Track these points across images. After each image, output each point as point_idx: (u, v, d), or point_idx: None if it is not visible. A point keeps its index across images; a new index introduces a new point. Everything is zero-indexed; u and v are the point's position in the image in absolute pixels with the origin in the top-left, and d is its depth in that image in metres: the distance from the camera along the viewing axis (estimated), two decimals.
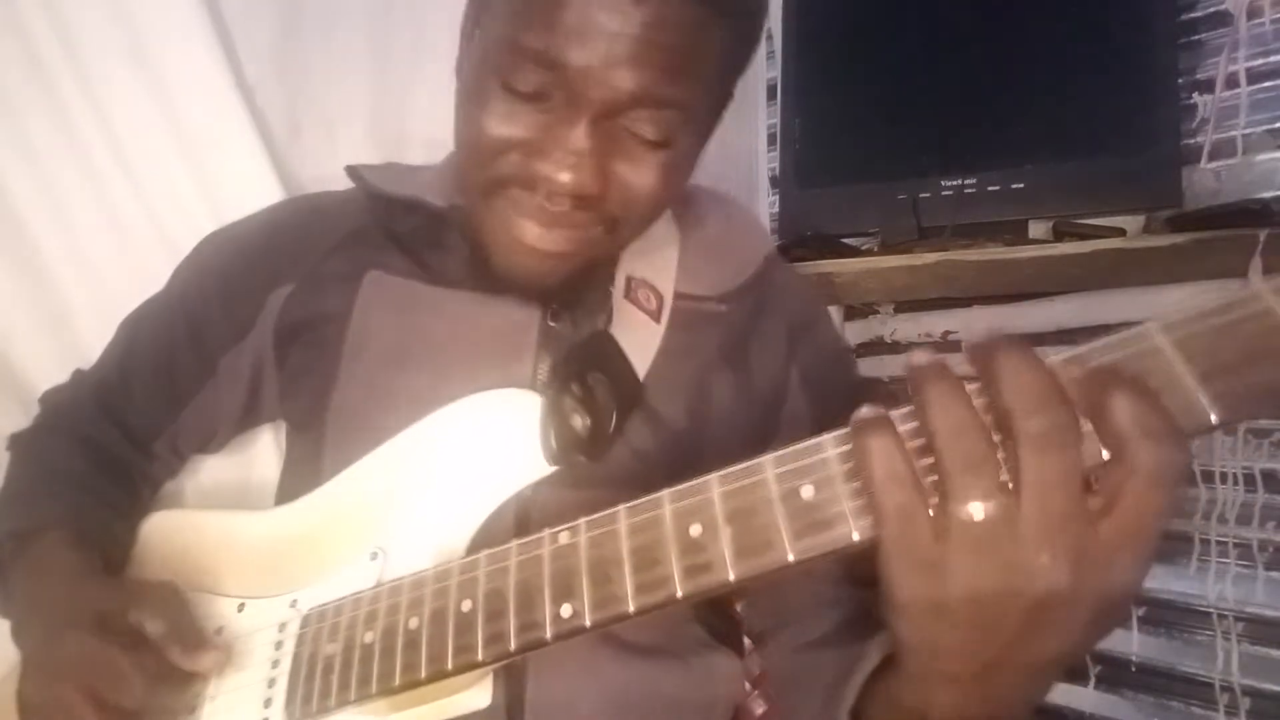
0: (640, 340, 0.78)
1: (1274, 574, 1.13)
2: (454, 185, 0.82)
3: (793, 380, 0.86)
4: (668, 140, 0.69)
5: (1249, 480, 1.14)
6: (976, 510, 0.39)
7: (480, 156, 0.69)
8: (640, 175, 0.70)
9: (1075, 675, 1.27)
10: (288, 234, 0.87)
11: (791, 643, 0.77)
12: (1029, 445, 0.38)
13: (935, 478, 0.40)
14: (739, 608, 0.91)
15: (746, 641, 0.89)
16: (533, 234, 0.70)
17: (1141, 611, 1.22)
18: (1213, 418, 0.38)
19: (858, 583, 0.75)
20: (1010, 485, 0.39)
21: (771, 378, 0.85)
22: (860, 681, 0.58)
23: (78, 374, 0.91)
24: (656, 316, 0.81)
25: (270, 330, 0.84)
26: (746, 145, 1.47)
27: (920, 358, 0.42)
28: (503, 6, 0.67)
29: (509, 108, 0.67)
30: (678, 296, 0.83)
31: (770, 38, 1.50)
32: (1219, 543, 1.16)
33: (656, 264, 0.84)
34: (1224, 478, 1.15)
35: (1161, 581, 1.20)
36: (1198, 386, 0.38)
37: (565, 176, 0.66)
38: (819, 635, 0.75)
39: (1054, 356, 0.41)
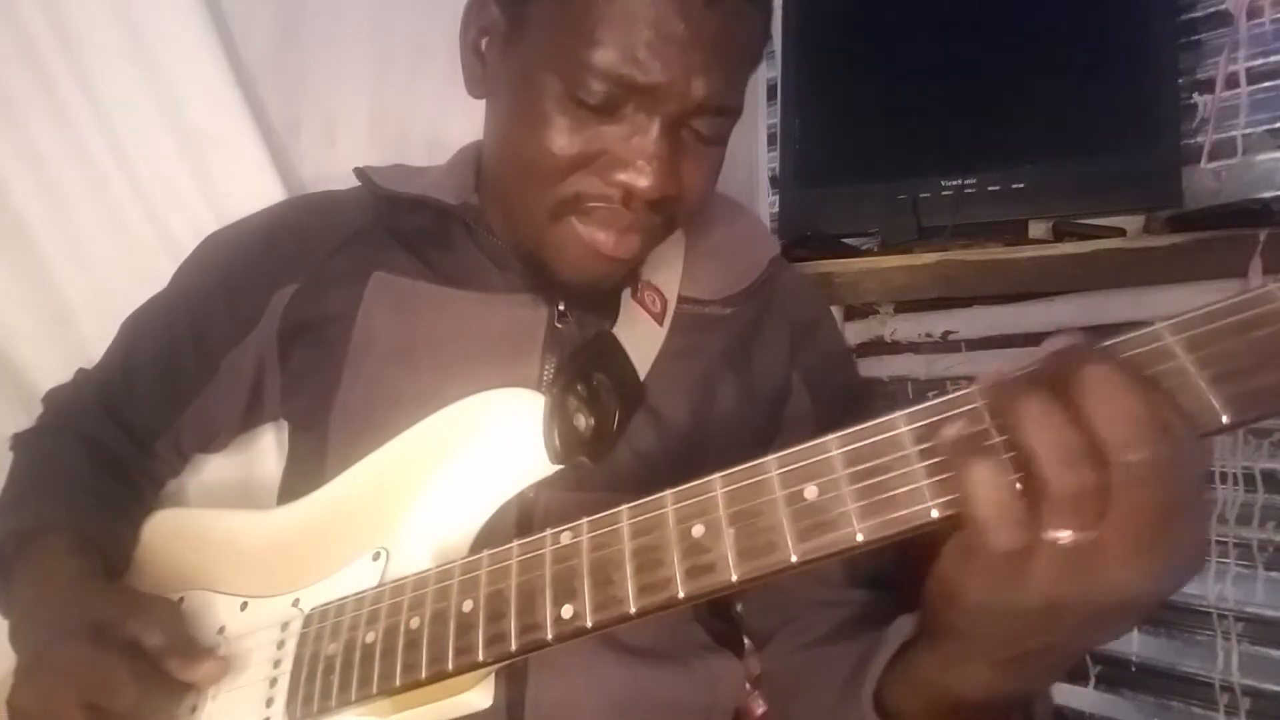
0: (642, 342, 0.79)
1: (1274, 574, 1.13)
2: (464, 185, 0.84)
3: (795, 382, 0.86)
4: (723, 138, 0.73)
5: (1249, 480, 1.14)
6: (1074, 538, 0.38)
7: (548, 175, 0.70)
8: (701, 172, 0.73)
9: (1075, 675, 1.27)
10: (291, 233, 0.87)
11: (791, 642, 0.77)
12: (1128, 478, 0.36)
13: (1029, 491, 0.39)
14: (738, 608, 0.91)
15: (746, 642, 0.89)
16: (608, 244, 0.71)
17: None
18: (1224, 419, 0.37)
19: (858, 585, 0.76)
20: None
21: (774, 379, 0.85)
22: (882, 666, 0.58)
23: (80, 373, 0.91)
24: (660, 319, 0.81)
25: (274, 330, 0.84)
26: (746, 145, 1.47)
27: (994, 378, 0.41)
28: (553, 21, 0.66)
29: (575, 123, 0.67)
30: (681, 300, 0.84)
31: (770, 38, 1.50)
32: (1219, 543, 1.16)
33: (662, 267, 0.84)
34: (1224, 478, 1.15)
35: None
36: (1209, 388, 0.38)
37: (645, 183, 0.67)
38: (819, 635, 0.75)
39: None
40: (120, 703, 0.60)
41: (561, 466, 0.66)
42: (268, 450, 1.00)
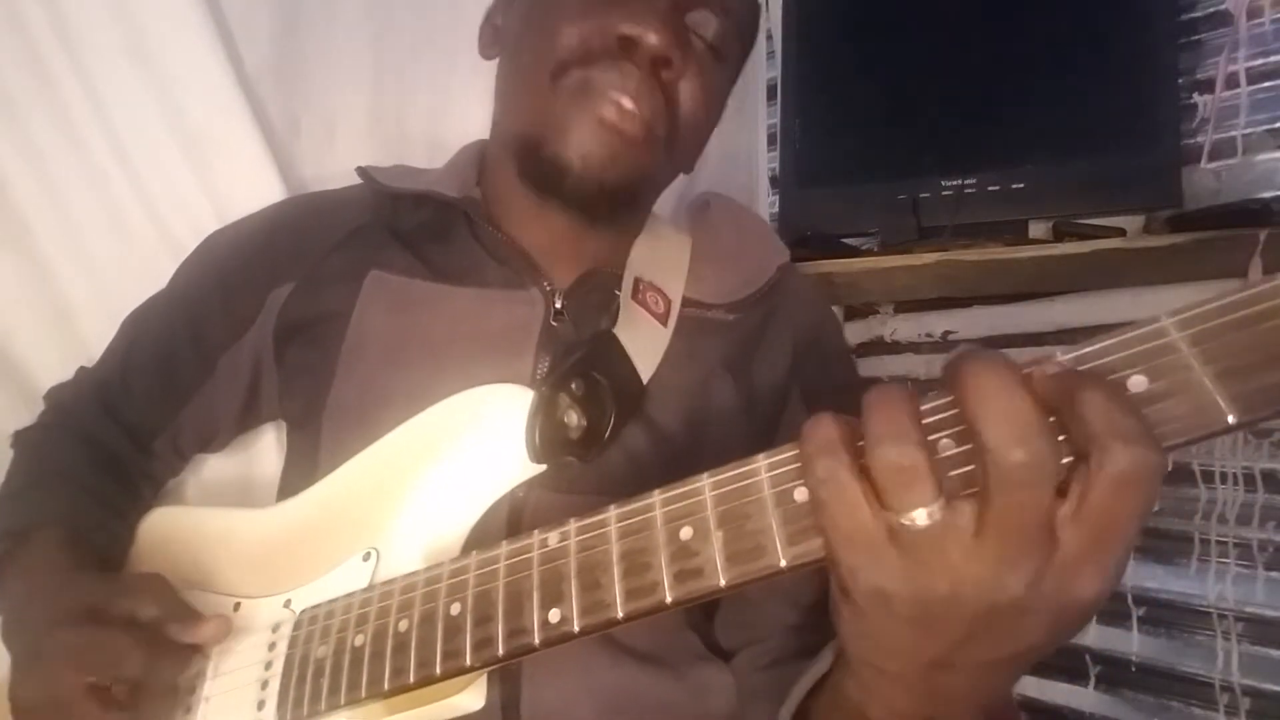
0: (646, 343, 0.77)
1: (1274, 574, 1.13)
2: (467, 180, 0.86)
3: (793, 394, 0.85)
4: (721, 49, 0.78)
5: (1249, 480, 1.14)
6: (919, 517, 0.38)
7: (557, 39, 0.74)
8: (700, 88, 0.77)
9: (1075, 675, 1.27)
10: (288, 232, 0.87)
11: (752, 663, 0.77)
12: (999, 479, 0.36)
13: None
14: None
15: None
16: (612, 111, 0.72)
17: (1141, 611, 1.22)
18: (1230, 418, 0.36)
19: (826, 610, 0.75)
20: (972, 505, 0.38)
21: (773, 388, 0.84)
22: (809, 683, 0.58)
23: (82, 371, 0.91)
24: (664, 320, 0.80)
25: (270, 328, 0.84)
26: (746, 145, 1.47)
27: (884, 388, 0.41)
28: None
29: (585, 5, 0.73)
30: (685, 302, 0.83)
31: (770, 38, 1.50)
32: (1219, 543, 1.16)
33: (666, 268, 0.84)
34: (1224, 478, 1.15)
35: (1161, 581, 1.20)
36: (1215, 385, 0.36)
37: (650, 35, 0.71)
38: (776, 657, 0.74)
39: (1061, 355, 0.40)
40: (126, 670, 0.60)
41: (544, 466, 0.66)
42: (267, 449, 1.00)
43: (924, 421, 0.39)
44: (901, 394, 0.40)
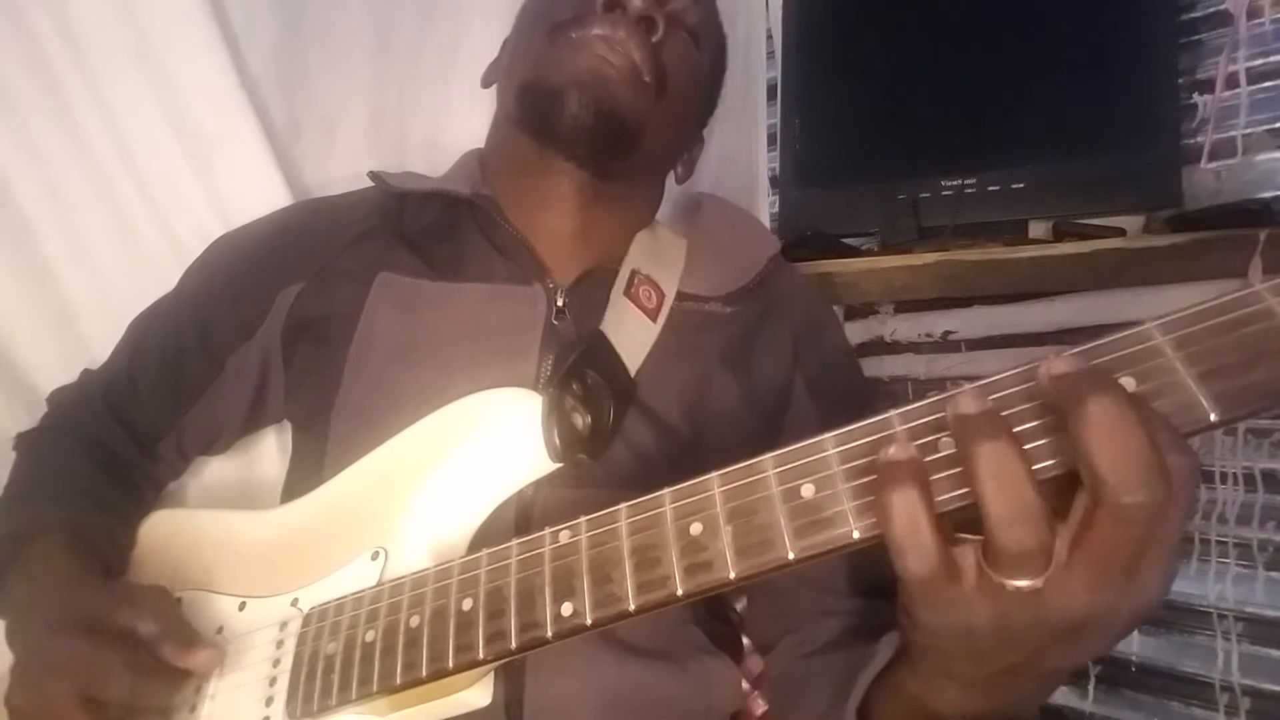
0: (634, 338, 0.79)
1: (1274, 574, 1.13)
2: (474, 179, 0.88)
3: (797, 387, 0.86)
4: (699, 35, 0.86)
5: (1249, 480, 1.14)
6: (1024, 584, 0.39)
7: (553, 5, 0.82)
8: (682, 52, 0.83)
9: (1075, 675, 1.27)
10: (297, 234, 0.88)
11: (796, 651, 0.78)
12: (1112, 516, 0.36)
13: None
14: (739, 606, 0.92)
15: (746, 641, 0.89)
16: (605, 47, 0.77)
17: None
18: (1212, 417, 0.38)
19: (860, 594, 0.76)
20: (1066, 537, 0.38)
21: (774, 383, 0.85)
22: (870, 677, 0.58)
23: (86, 374, 0.91)
24: (654, 315, 0.82)
25: (279, 329, 0.84)
26: (746, 145, 1.47)
27: (968, 405, 0.39)
28: None
29: None
30: (680, 297, 0.85)
31: (770, 38, 1.50)
32: (1219, 543, 1.16)
33: (663, 262, 0.85)
34: (1224, 478, 1.15)
35: None
36: (1197, 386, 0.38)
37: (638, 0, 0.79)
38: (823, 643, 0.75)
39: (1055, 356, 0.40)
40: (115, 692, 0.60)
41: (561, 465, 0.66)
42: (268, 452, 1.01)
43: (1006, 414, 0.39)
44: (1012, 451, 0.38)
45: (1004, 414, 0.40)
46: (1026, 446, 0.39)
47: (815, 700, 0.70)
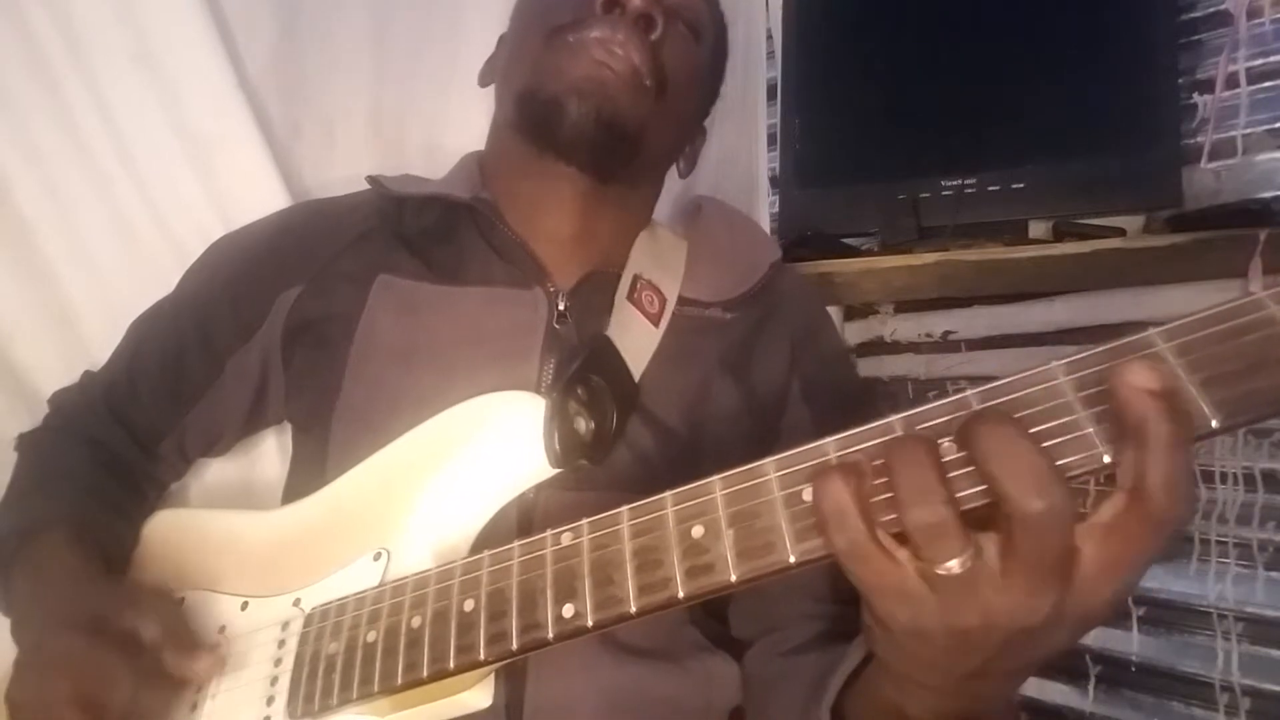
0: (637, 343, 0.79)
1: (1274, 574, 1.13)
2: (473, 183, 0.88)
3: (794, 391, 0.86)
4: (699, 30, 0.85)
5: (1249, 480, 1.14)
6: (953, 566, 0.40)
7: (550, 6, 0.81)
8: (681, 50, 0.83)
9: (1075, 675, 1.27)
10: (297, 236, 0.88)
11: (773, 649, 0.78)
12: (1022, 526, 0.38)
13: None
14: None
15: None
16: (601, 51, 0.77)
17: (1141, 611, 1.22)
18: (1214, 423, 0.38)
19: (841, 600, 0.77)
20: (997, 545, 0.40)
21: (772, 387, 0.86)
22: (842, 678, 0.60)
23: (87, 375, 0.91)
24: (656, 320, 0.82)
25: (279, 331, 0.84)
26: (746, 145, 1.47)
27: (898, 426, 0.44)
28: None
29: None
30: (681, 302, 0.85)
31: (770, 38, 1.50)
32: (1219, 543, 1.16)
33: (665, 267, 0.85)
34: (1224, 478, 1.15)
35: (1161, 581, 1.20)
36: (1199, 393, 0.38)
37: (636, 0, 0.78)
38: (797, 644, 0.76)
39: (1055, 362, 0.42)
40: (114, 696, 0.60)
41: (561, 470, 0.66)
42: (269, 454, 1.01)
43: (942, 461, 0.41)
44: (921, 447, 0.41)
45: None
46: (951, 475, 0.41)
47: (789, 699, 0.71)
